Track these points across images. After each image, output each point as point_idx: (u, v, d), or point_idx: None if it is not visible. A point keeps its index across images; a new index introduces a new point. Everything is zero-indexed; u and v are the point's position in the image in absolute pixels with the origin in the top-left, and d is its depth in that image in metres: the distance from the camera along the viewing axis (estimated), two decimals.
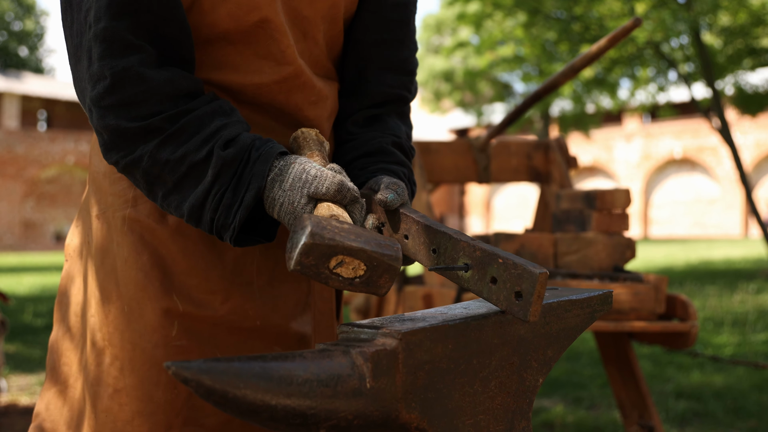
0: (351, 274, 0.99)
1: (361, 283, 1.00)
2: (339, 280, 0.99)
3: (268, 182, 1.10)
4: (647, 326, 2.54)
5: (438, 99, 29.71)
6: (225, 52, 1.25)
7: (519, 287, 0.96)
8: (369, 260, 0.99)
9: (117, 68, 1.09)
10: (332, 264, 0.98)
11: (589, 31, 14.49)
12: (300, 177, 1.09)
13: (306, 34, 1.32)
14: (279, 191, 1.09)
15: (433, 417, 0.93)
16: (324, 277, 0.99)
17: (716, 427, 4.02)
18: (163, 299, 1.25)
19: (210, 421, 1.27)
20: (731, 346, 6.25)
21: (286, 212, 1.09)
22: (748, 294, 9.85)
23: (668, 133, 34.82)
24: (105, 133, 1.12)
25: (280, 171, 1.10)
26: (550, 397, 4.76)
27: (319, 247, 0.97)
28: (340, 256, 0.98)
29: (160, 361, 1.24)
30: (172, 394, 1.24)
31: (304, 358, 0.86)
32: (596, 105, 21.00)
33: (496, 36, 17.23)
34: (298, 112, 1.33)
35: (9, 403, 4.53)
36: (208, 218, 1.11)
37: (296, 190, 1.09)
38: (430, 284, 2.86)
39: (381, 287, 1.01)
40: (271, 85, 1.28)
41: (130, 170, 1.14)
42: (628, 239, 2.62)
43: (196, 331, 1.27)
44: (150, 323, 1.25)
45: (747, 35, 14.30)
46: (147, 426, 1.24)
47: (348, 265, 0.99)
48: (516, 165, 3.42)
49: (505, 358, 1.02)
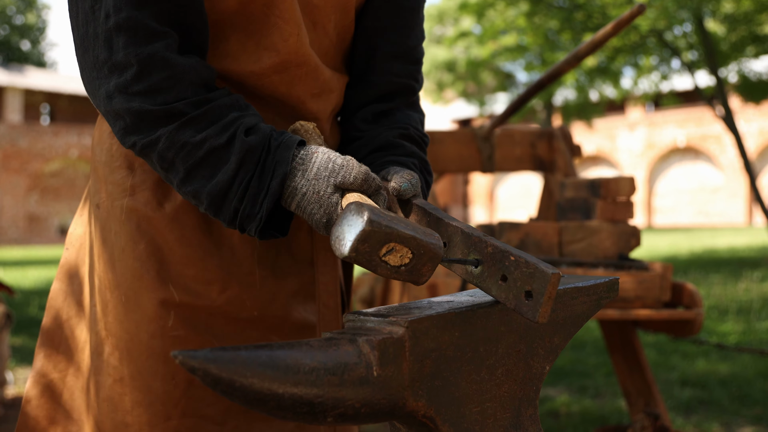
0: (398, 262, 1.00)
1: (406, 271, 1.01)
2: (387, 268, 1.00)
3: (290, 171, 1.09)
4: (652, 314, 2.54)
5: (440, 89, 29.65)
6: (225, 37, 1.24)
7: (530, 286, 0.95)
8: (417, 248, 0.99)
9: (143, 55, 1.09)
10: (383, 251, 0.99)
11: (591, 19, 14.44)
12: (326, 166, 1.08)
13: (316, 23, 1.31)
14: (302, 180, 1.08)
15: (440, 405, 0.93)
16: (374, 264, 0.99)
17: (721, 414, 4.02)
18: (160, 289, 1.25)
19: (210, 411, 1.27)
20: (736, 334, 6.24)
21: (309, 201, 1.08)
22: (753, 282, 9.84)
23: (672, 122, 34.72)
24: (128, 117, 1.11)
25: (302, 160, 1.10)
26: (555, 386, 4.77)
27: (377, 234, 0.97)
28: (392, 244, 0.98)
29: (158, 352, 1.24)
30: (170, 384, 1.24)
31: (310, 347, 0.86)
32: (599, 94, 20.96)
33: (499, 25, 17.17)
34: (300, 105, 1.32)
35: (15, 395, 4.54)
36: (231, 208, 1.10)
37: (322, 179, 1.07)
38: (435, 274, 2.86)
39: (423, 275, 1.02)
40: (271, 75, 1.27)
41: (146, 152, 1.13)
42: (632, 227, 2.62)
43: (193, 320, 1.26)
44: (147, 313, 1.25)
45: (751, 22, 14.23)
46: (147, 416, 1.24)
47: (397, 252, 0.99)
48: (520, 154, 3.41)
49: (512, 346, 1.02)
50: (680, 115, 34.42)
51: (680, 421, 3.89)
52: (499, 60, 20.63)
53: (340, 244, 0.99)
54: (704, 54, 14.21)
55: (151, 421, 1.24)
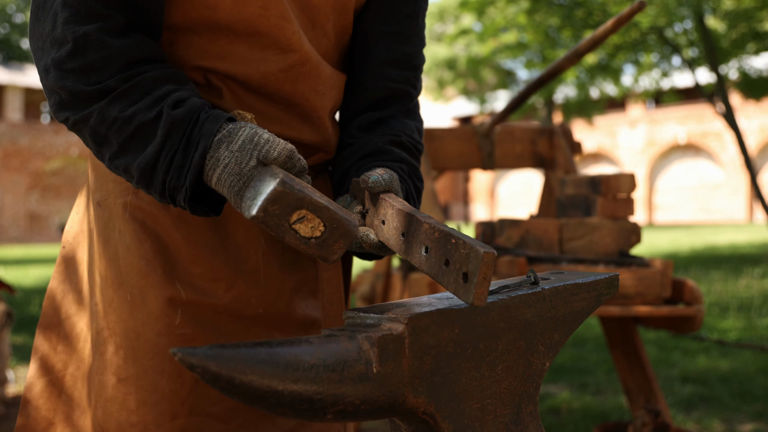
0: (309, 233, 0.99)
1: (316, 244, 0.99)
2: (296, 237, 0.98)
3: (215, 142, 1.07)
4: (653, 311, 2.54)
5: (441, 87, 29.64)
6: (229, 41, 1.24)
7: (466, 268, 0.91)
8: (330, 221, 0.99)
9: (78, 33, 1.10)
10: (294, 218, 0.98)
11: (592, 16, 14.44)
12: (252, 139, 1.07)
13: (315, 23, 1.31)
14: (225, 152, 1.07)
15: (440, 401, 0.93)
16: (283, 230, 0.98)
17: (722, 411, 4.02)
18: (167, 287, 1.25)
19: (215, 409, 1.26)
20: (737, 331, 6.24)
21: (230, 173, 1.05)
22: (754, 279, 9.84)
23: (672, 119, 34.72)
24: (63, 93, 1.12)
25: (228, 133, 1.08)
26: (556, 383, 4.77)
27: (288, 197, 0.96)
28: (304, 211, 0.97)
29: (164, 350, 1.24)
30: (177, 383, 1.24)
31: (310, 344, 0.86)
32: (600, 91, 20.95)
33: (499, 23, 17.17)
34: (304, 102, 1.32)
35: (16, 393, 4.55)
36: (159, 180, 1.09)
37: (246, 151, 1.06)
38: None
39: (334, 252, 1.00)
40: (276, 74, 1.27)
41: (78, 127, 1.13)
42: (633, 224, 2.61)
43: (200, 318, 1.26)
44: (153, 312, 1.24)
45: (751, 19, 14.21)
46: (152, 415, 1.23)
47: (308, 222, 0.98)
48: (520, 151, 3.41)
49: (512, 342, 1.02)
50: (681, 112, 34.42)
51: (681, 418, 3.89)
52: (499, 57, 20.62)
53: (250, 204, 0.98)
54: (705, 51, 14.20)
55: (157, 420, 1.23)
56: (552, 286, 1.06)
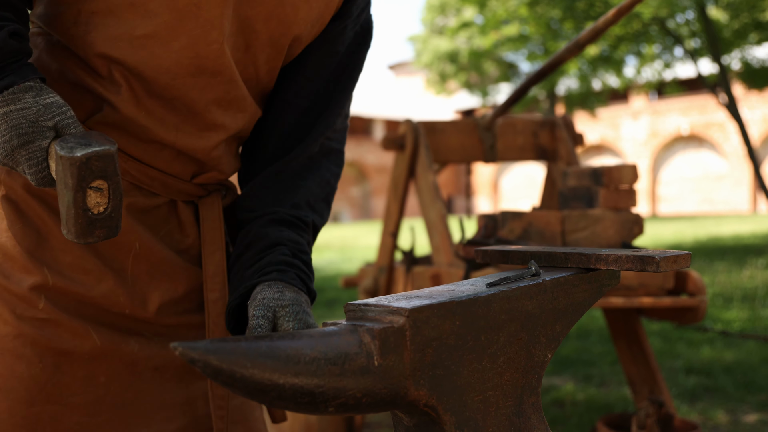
0: (92, 204, 1.05)
1: (85, 218, 1.05)
2: (81, 199, 1.04)
3: (25, 86, 1.09)
4: (656, 302, 2.54)
5: (443, 80, 29.55)
6: (149, 32, 1.19)
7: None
8: (115, 210, 1.06)
9: None
10: (96, 183, 1.03)
11: (593, 8, 14.40)
12: (60, 105, 1.10)
13: (248, 47, 1.28)
14: (32, 100, 1.09)
15: (441, 394, 0.93)
16: (83, 184, 1.03)
17: (727, 402, 4.02)
18: (33, 271, 1.22)
19: (76, 400, 1.24)
20: (741, 322, 6.24)
21: (24, 116, 1.07)
22: (758, 269, 9.82)
23: (675, 110, 34.63)
24: None
25: (40, 87, 1.10)
26: (560, 375, 4.77)
27: (112, 164, 1.04)
28: (107, 184, 1.04)
29: (25, 333, 1.21)
30: (37, 368, 1.21)
31: (311, 337, 0.86)
32: (602, 83, 20.90)
33: (501, 15, 17.14)
34: (207, 114, 1.29)
35: None
36: None
37: (51, 110, 1.09)
38: (438, 264, 2.86)
39: (90, 236, 1.07)
40: (185, 77, 1.23)
41: None
42: (635, 215, 2.61)
43: (64, 305, 1.24)
44: (16, 294, 1.22)
45: (753, 9, 14.18)
46: (6, 402, 1.20)
47: (100, 197, 1.05)
48: (522, 143, 3.41)
49: (513, 334, 1.02)
50: (684, 103, 34.34)
51: (685, 409, 3.89)
52: (501, 50, 20.59)
53: (73, 147, 1.03)
54: (707, 41, 14.17)
55: (11, 408, 1.20)
56: (554, 277, 1.06)
